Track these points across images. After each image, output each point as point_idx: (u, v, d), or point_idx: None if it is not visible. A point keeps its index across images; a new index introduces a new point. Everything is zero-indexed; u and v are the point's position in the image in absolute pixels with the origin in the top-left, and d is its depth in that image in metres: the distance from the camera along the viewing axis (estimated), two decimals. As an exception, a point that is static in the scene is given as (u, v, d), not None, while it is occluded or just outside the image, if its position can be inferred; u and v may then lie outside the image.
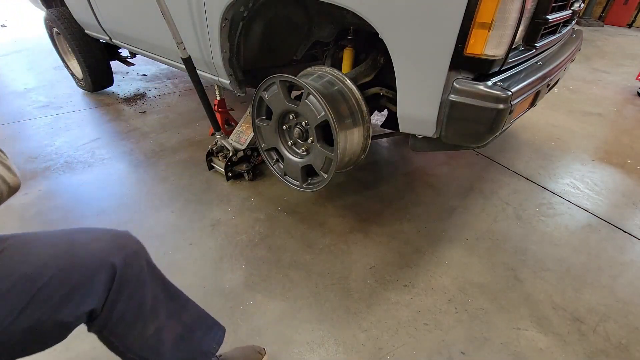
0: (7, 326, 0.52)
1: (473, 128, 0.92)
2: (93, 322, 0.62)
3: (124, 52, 2.70)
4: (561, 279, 1.28)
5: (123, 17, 1.88)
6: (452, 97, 0.90)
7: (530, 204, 1.66)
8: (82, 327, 0.63)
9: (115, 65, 2.76)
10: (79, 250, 0.60)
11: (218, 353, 0.85)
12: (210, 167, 1.81)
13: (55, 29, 2.50)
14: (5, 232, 0.59)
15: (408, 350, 1.03)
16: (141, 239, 0.69)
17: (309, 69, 1.34)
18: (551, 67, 1.11)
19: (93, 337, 0.65)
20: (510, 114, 0.88)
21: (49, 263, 0.56)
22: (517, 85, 0.89)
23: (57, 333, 0.58)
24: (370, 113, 1.29)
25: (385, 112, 1.84)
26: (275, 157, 1.47)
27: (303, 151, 1.34)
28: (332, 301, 1.17)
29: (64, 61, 2.75)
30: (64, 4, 2.32)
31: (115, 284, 0.61)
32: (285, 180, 1.43)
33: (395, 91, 1.01)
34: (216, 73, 1.56)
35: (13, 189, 0.55)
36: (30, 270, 0.55)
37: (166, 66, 2.88)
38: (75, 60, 2.58)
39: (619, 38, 5.59)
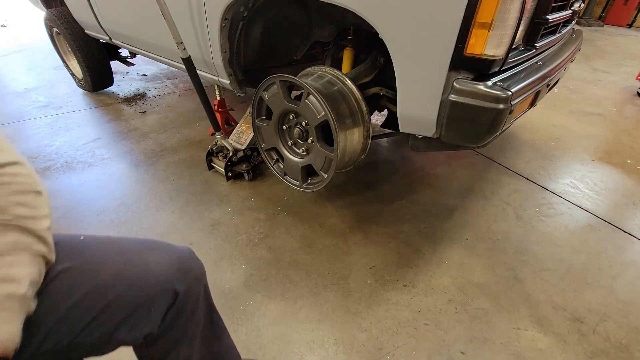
0: (65, 347, 0.51)
1: (473, 128, 0.92)
2: (140, 348, 0.61)
3: (124, 52, 2.70)
4: (561, 279, 1.28)
5: (123, 17, 1.88)
6: (452, 97, 0.90)
7: (530, 204, 1.66)
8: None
9: (115, 65, 2.76)
10: (146, 268, 0.58)
11: None
12: (210, 167, 1.81)
13: (55, 29, 2.50)
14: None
15: (408, 350, 1.03)
16: None
17: (309, 69, 1.34)
18: (551, 67, 1.11)
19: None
20: (510, 114, 0.88)
21: (120, 278, 0.55)
22: (517, 85, 0.89)
23: (111, 350, 0.58)
24: (370, 113, 1.29)
25: (385, 112, 1.84)
26: (275, 157, 1.47)
27: (303, 151, 1.34)
28: (332, 301, 1.17)
29: (64, 61, 2.75)
30: (64, 4, 2.32)
31: (172, 311, 0.60)
32: (285, 180, 1.43)
33: (395, 91, 1.01)
34: (216, 73, 1.56)
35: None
36: (103, 283, 0.54)
37: (166, 66, 2.89)
38: (75, 60, 2.58)
39: (619, 38, 5.59)
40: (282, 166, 1.44)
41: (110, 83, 2.77)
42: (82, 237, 0.59)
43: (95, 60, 2.51)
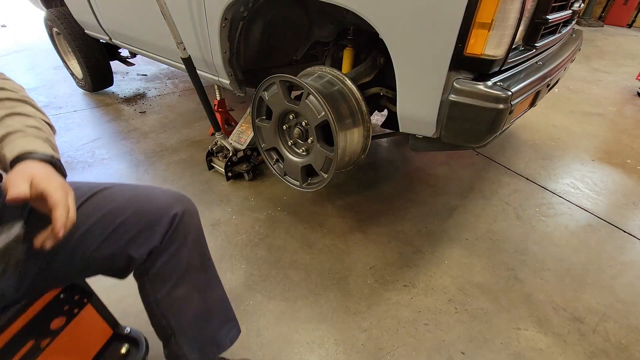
0: (91, 253, 0.64)
1: (473, 128, 0.92)
2: (142, 265, 0.71)
3: (124, 52, 2.70)
4: (561, 279, 1.28)
5: (123, 17, 1.88)
6: (452, 97, 0.90)
7: (530, 204, 1.66)
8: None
9: (115, 65, 2.76)
10: (152, 198, 0.70)
11: (223, 355, 0.86)
12: (210, 167, 1.81)
13: (55, 29, 2.50)
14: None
15: (408, 350, 1.03)
16: None
17: (309, 69, 1.34)
18: (551, 67, 1.11)
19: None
20: (510, 114, 0.88)
21: (130, 204, 0.68)
22: (517, 85, 0.89)
23: (124, 268, 0.69)
24: (370, 113, 1.29)
25: (385, 112, 1.84)
26: (275, 157, 1.47)
27: (303, 151, 1.34)
28: (332, 301, 1.17)
29: (64, 61, 2.75)
30: (64, 4, 2.32)
31: (169, 233, 0.70)
32: (285, 180, 1.43)
33: (395, 91, 1.01)
34: (216, 73, 1.56)
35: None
36: (116, 208, 0.66)
37: (166, 66, 2.89)
38: (75, 60, 2.58)
39: (619, 38, 5.59)
40: (282, 166, 1.44)
41: (110, 83, 2.77)
42: (109, 183, 0.72)
43: (95, 60, 2.51)
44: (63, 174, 0.57)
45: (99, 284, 0.79)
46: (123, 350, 0.87)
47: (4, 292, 0.58)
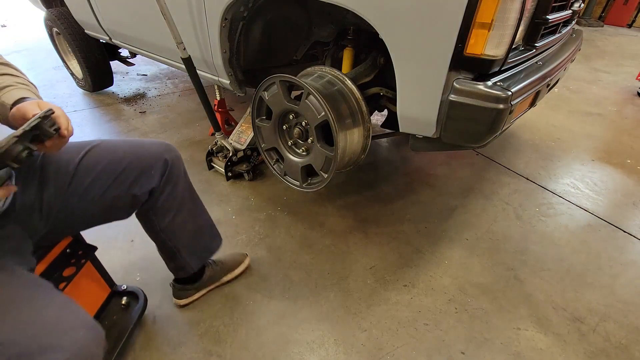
0: (98, 198, 0.79)
1: (473, 128, 0.92)
2: (146, 203, 0.89)
3: (124, 52, 2.70)
4: (561, 279, 1.28)
5: (123, 17, 1.88)
6: (452, 97, 0.90)
7: (530, 204, 1.66)
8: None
9: (115, 65, 2.76)
10: (145, 147, 0.86)
11: (213, 258, 1.16)
12: (210, 167, 1.81)
13: (55, 29, 2.50)
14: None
15: (408, 350, 1.03)
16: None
17: (309, 69, 1.34)
18: (551, 67, 1.11)
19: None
20: (510, 114, 0.88)
21: (128, 153, 0.83)
22: (517, 85, 0.89)
23: (128, 206, 0.86)
24: (370, 113, 1.29)
25: (385, 112, 1.84)
26: (275, 157, 1.47)
27: (303, 151, 1.34)
28: (332, 301, 1.17)
29: (64, 61, 2.75)
30: (64, 4, 2.32)
31: (165, 175, 0.88)
32: (285, 180, 1.43)
33: (395, 91, 1.01)
34: (216, 73, 1.56)
35: None
36: (116, 158, 0.81)
37: (166, 66, 2.89)
38: (75, 60, 2.58)
39: (619, 38, 5.59)
40: (282, 166, 1.44)
41: (110, 83, 2.78)
42: (99, 140, 0.85)
43: (95, 60, 2.51)
44: None
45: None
46: (123, 302, 1.03)
47: (36, 227, 0.73)
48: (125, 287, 1.08)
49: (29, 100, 0.66)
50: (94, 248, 0.97)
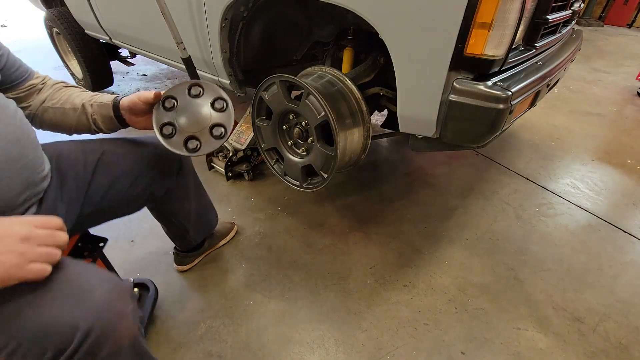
0: (118, 198, 0.83)
1: (473, 128, 0.92)
2: (159, 199, 0.97)
3: (124, 52, 2.69)
4: (561, 279, 1.28)
5: (123, 17, 1.88)
6: (452, 97, 0.90)
7: (530, 204, 1.66)
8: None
9: (115, 65, 2.75)
10: (161, 148, 0.84)
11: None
12: (210, 167, 1.81)
13: (55, 29, 2.50)
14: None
15: (408, 350, 1.03)
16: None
17: (309, 69, 1.34)
18: (551, 67, 1.11)
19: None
20: (510, 114, 0.88)
21: (146, 153, 0.88)
22: (517, 85, 0.89)
23: (143, 202, 0.94)
24: (370, 113, 1.29)
25: (385, 112, 1.83)
26: (275, 157, 1.47)
27: (303, 151, 1.34)
28: (332, 301, 1.17)
29: (64, 61, 2.74)
30: (64, 4, 2.31)
31: (180, 174, 0.98)
32: (285, 180, 1.43)
33: (395, 91, 1.01)
34: (216, 73, 1.56)
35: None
36: (135, 158, 0.86)
37: (166, 66, 2.88)
38: (75, 60, 2.58)
39: (619, 38, 5.59)
40: (282, 166, 1.43)
41: (110, 83, 2.77)
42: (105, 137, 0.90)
43: (95, 60, 2.51)
44: None
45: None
46: (135, 292, 1.06)
47: (71, 203, 0.77)
48: (132, 280, 1.11)
49: (124, 95, 0.80)
50: (105, 240, 0.98)
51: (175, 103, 0.79)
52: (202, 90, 0.82)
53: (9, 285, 0.47)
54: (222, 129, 0.81)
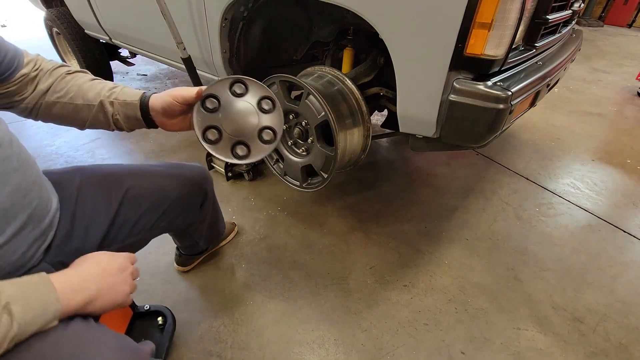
0: (143, 232, 0.80)
1: (473, 128, 0.92)
2: (181, 229, 0.99)
3: (124, 52, 2.70)
4: (561, 279, 1.28)
5: (123, 17, 1.88)
6: (452, 97, 0.90)
7: (530, 204, 1.66)
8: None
9: (115, 65, 2.76)
10: (187, 176, 0.88)
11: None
12: (210, 167, 1.81)
13: (55, 29, 2.50)
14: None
15: (408, 350, 1.03)
16: None
17: (309, 69, 1.34)
18: (551, 67, 1.11)
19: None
20: (510, 114, 0.88)
21: (171, 187, 0.84)
22: (517, 85, 0.89)
23: (166, 230, 0.91)
24: (370, 113, 1.29)
25: (385, 112, 1.83)
26: (275, 157, 1.47)
27: (303, 151, 1.34)
28: (332, 301, 1.17)
29: (63, 61, 2.74)
30: (64, 4, 2.32)
31: (204, 206, 0.98)
32: (285, 180, 1.43)
33: (395, 91, 1.01)
34: (216, 73, 1.56)
35: None
36: (162, 195, 0.82)
37: (166, 66, 2.88)
38: (75, 60, 2.58)
39: (619, 38, 5.59)
40: (282, 166, 1.44)
41: (110, 83, 2.77)
42: (128, 165, 0.84)
43: (95, 60, 2.51)
44: None
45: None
46: (160, 322, 1.01)
47: (85, 242, 0.71)
48: (148, 307, 1.03)
49: (154, 92, 0.71)
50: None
51: (218, 103, 0.70)
52: (245, 88, 0.72)
53: (115, 309, 0.57)
54: (272, 133, 0.72)
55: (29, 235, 0.58)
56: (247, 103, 0.71)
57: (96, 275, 0.54)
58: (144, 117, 0.71)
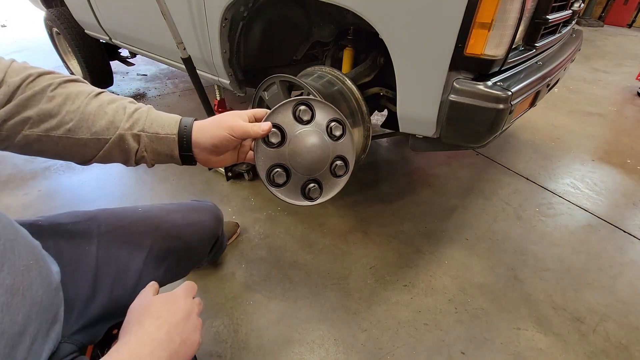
0: (160, 279, 0.73)
1: (473, 128, 0.92)
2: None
3: (124, 52, 2.70)
4: (561, 279, 1.28)
5: (123, 17, 1.88)
6: (452, 97, 0.90)
7: (530, 204, 1.66)
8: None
9: (115, 65, 2.75)
10: (203, 227, 0.85)
11: None
12: (210, 167, 1.81)
13: (55, 29, 2.50)
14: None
15: (408, 350, 1.03)
16: None
17: (309, 69, 1.34)
18: (551, 67, 1.11)
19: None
20: (510, 114, 0.88)
21: (190, 238, 0.81)
22: (517, 85, 0.89)
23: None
24: (370, 113, 1.29)
25: (385, 112, 1.83)
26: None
27: (303, 151, 1.34)
28: (332, 301, 1.17)
29: (64, 61, 2.74)
30: (64, 4, 2.31)
31: (214, 250, 0.98)
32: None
33: (395, 91, 1.01)
34: (216, 73, 1.56)
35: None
36: (184, 249, 0.79)
37: (166, 66, 2.88)
38: (75, 60, 2.58)
39: (619, 38, 5.59)
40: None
41: (110, 83, 2.77)
42: (140, 209, 0.78)
43: (95, 60, 2.51)
44: None
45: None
46: None
47: (77, 294, 0.59)
48: None
49: (199, 121, 0.56)
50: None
51: (281, 134, 0.57)
52: (311, 111, 0.59)
53: None
54: (344, 164, 0.62)
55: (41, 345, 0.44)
56: (316, 131, 0.58)
57: (164, 334, 0.42)
58: (183, 154, 0.56)
